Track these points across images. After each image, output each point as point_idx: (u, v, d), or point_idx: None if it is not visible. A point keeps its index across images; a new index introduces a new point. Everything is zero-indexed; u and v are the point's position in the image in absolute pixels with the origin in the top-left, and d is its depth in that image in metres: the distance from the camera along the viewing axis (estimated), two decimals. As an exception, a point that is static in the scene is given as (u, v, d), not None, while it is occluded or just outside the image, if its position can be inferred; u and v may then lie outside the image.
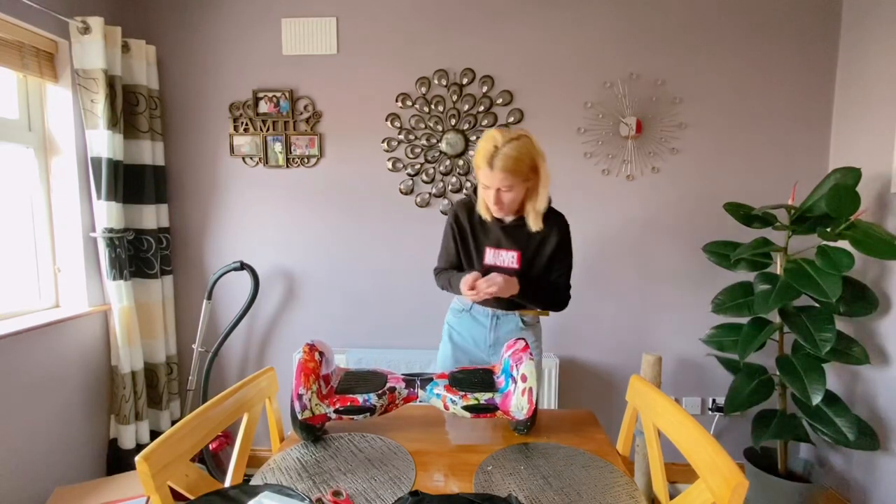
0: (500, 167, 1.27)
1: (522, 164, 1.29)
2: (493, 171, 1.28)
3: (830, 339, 1.64)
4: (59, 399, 1.90)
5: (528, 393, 1.13)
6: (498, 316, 1.52)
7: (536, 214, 1.38)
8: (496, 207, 1.35)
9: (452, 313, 1.62)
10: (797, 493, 1.86)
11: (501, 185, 1.30)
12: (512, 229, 1.44)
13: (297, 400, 1.13)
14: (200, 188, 2.33)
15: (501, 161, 1.26)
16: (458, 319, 1.59)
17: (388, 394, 1.19)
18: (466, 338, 1.57)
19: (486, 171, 1.29)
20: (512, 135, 1.29)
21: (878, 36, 1.92)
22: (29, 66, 1.83)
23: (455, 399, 1.18)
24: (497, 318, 1.52)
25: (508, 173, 1.27)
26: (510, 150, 1.26)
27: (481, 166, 1.30)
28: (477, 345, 1.56)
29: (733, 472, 0.82)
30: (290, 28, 2.21)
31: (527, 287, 1.41)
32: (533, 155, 1.31)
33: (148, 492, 0.87)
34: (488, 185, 1.32)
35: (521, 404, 1.14)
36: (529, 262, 1.44)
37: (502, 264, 1.45)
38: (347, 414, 1.16)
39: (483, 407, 1.17)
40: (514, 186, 1.31)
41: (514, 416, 1.16)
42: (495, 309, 1.51)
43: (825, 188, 1.75)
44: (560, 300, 1.51)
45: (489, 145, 1.28)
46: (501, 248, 1.45)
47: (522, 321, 1.53)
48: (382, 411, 1.19)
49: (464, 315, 1.57)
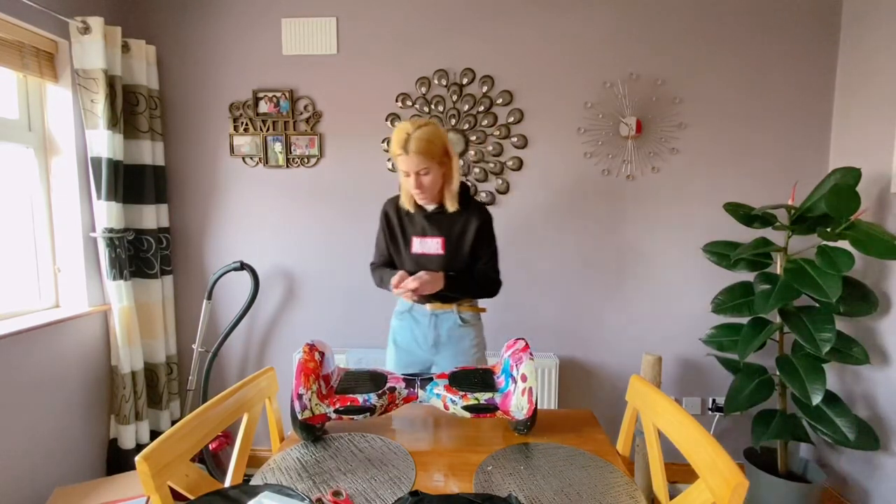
0: (415, 150, 1.35)
1: (435, 146, 1.38)
2: (409, 154, 1.36)
3: (830, 339, 1.64)
4: (59, 399, 1.90)
5: (528, 393, 1.13)
6: (436, 315, 1.57)
7: (452, 196, 1.47)
8: (417, 192, 1.43)
9: (395, 316, 1.67)
10: (797, 493, 1.86)
11: (419, 169, 1.39)
12: (435, 217, 1.52)
13: (297, 400, 1.13)
14: (200, 188, 2.33)
15: (415, 144, 1.35)
16: (399, 321, 1.65)
17: (388, 394, 1.19)
18: (409, 339, 1.62)
19: (402, 157, 1.38)
20: (421, 122, 1.39)
21: (878, 36, 1.92)
22: (29, 66, 1.83)
23: (455, 399, 1.18)
24: (436, 316, 1.57)
25: (423, 155, 1.36)
26: (422, 134, 1.36)
27: (397, 153, 1.38)
28: (419, 345, 1.61)
29: (733, 472, 0.82)
30: (290, 28, 2.21)
31: (453, 280, 1.48)
32: (443, 138, 1.42)
33: (148, 492, 0.87)
34: (407, 170, 1.40)
35: (521, 404, 1.14)
36: (454, 247, 1.51)
37: (429, 251, 1.52)
38: (347, 414, 1.16)
39: (483, 407, 1.17)
40: (431, 169, 1.40)
41: (514, 415, 1.16)
42: (433, 308, 1.56)
43: (825, 188, 1.75)
44: (490, 288, 1.56)
45: (402, 133, 1.37)
46: (427, 236, 1.52)
47: (461, 318, 1.57)
48: (382, 411, 1.19)
49: (405, 316, 1.63)
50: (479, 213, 1.52)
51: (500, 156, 2.22)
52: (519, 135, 2.20)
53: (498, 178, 2.23)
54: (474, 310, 1.62)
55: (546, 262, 2.27)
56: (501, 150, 2.22)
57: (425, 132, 1.37)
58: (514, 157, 2.21)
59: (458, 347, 1.58)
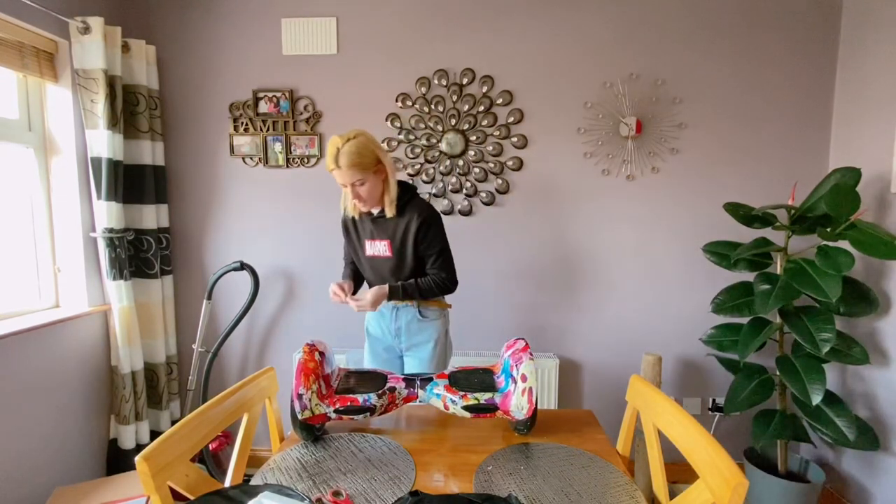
0: (346, 164, 1.41)
1: (364, 157, 1.43)
2: (342, 169, 1.42)
3: (830, 339, 1.64)
4: (59, 399, 1.90)
5: (527, 393, 1.13)
6: (397, 308, 1.65)
7: (389, 202, 1.53)
8: (357, 202, 1.51)
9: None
10: (797, 493, 1.86)
11: (353, 181, 1.45)
12: (380, 221, 1.58)
13: (297, 400, 1.13)
14: (200, 188, 2.33)
15: (345, 158, 1.41)
16: (371, 314, 1.75)
17: (388, 394, 1.19)
18: (377, 328, 1.72)
19: (336, 172, 1.44)
20: (349, 135, 1.44)
21: (878, 36, 1.92)
22: (29, 66, 1.83)
23: (455, 399, 1.18)
24: (397, 309, 1.65)
25: (354, 168, 1.42)
26: (350, 148, 1.41)
27: (331, 168, 1.44)
28: (384, 334, 1.71)
29: (733, 472, 0.82)
30: (290, 28, 2.21)
31: (396, 291, 1.55)
32: (372, 148, 1.45)
33: (148, 492, 0.87)
34: (342, 182, 1.46)
35: (521, 404, 1.14)
36: (399, 249, 1.57)
37: (378, 254, 1.61)
38: (347, 414, 1.16)
39: (483, 407, 1.17)
40: (366, 179, 1.46)
41: (513, 415, 1.16)
42: (396, 302, 1.63)
43: (825, 188, 1.75)
44: (438, 290, 1.60)
45: (332, 149, 1.43)
46: (375, 239, 1.60)
47: (420, 313, 1.64)
48: (382, 411, 1.19)
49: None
50: (417, 213, 1.54)
51: (500, 156, 2.22)
52: (519, 135, 2.20)
53: (498, 178, 2.23)
54: (437, 304, 1.67)
55: (546, 262, 2.27)
56: (501, 150, 2.22)
57: (354, 145, 1.42)
58: (514, 157, 2.21)
59: (417, 339, 1.65)
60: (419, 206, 1.57)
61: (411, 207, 1.56)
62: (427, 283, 1.58)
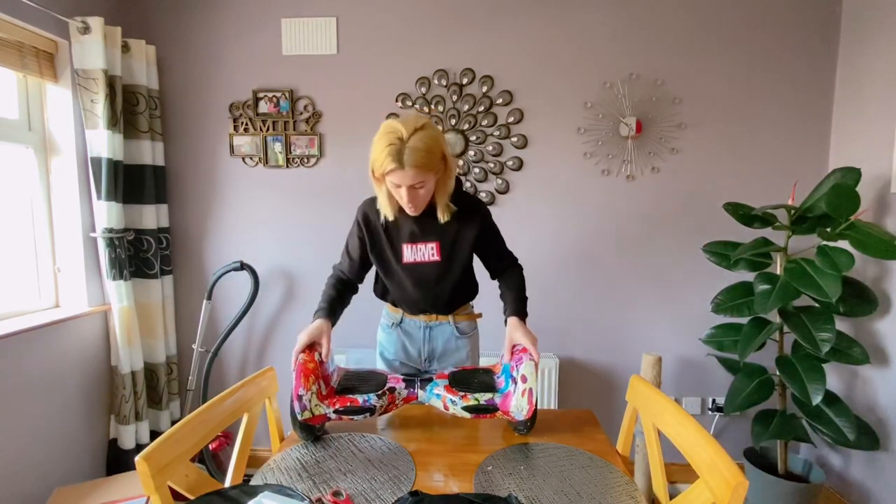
0: (413, 163, 1.11)
1: (434, 156, 1.15)
2: (405, 169, 1.12)
3: (830, 339, 1.64)
4: (59, 399, 1.90)
5: (528, 394, 1.13)
6: (431, 327, 1.43)
7: (445, 206, 1.26)
8: (411, 206, 1.22)
9: (382, 329, 1.53)
10: (797, 493, 1.86)
11: (415, 182, 1.16)
12: (425, 219, 1.29)
13: (296, 401, 1.12)
14: (200, 188, 2.33)
15: (412, 156, 1.11)
16: (387, 335, 1.50)
17: (388, 394, 1.19)
18: (399, 353, 1.47)
19: (395, 170, 1.13)
20: (415, 123, 1.14)
21: (878, 36, 1.92)
22: (29, 66, 1.83)
23: (455, 399, 1.18)
24: (430, 329, 1.43)
25: (420, 169, 1.13)
26: (419, 143, 1.12)
27: (386, 165, 1.13)
28: (411, 359, 1.47)
29: (733, 472, 0.82)
30: (290, 28, 2.21)
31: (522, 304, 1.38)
32: (441, 143, 1.18)
33: (148, 492, 0.87)
34: (398, 183, 1.17)
35: (521, 405, 1.14)
36: (450, 252, 1.33)
37: (423, 259, 1.33)
38: (347, 414, 1.16)
39: (483, 407, 1.17)
40: (428, 181, 1.18)
41: (513, 416, 1.16)
42: (428, 319, 1.43)
43: (825, 188, 1.75)
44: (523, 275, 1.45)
45: (392, 138, 1.12)
46: (418, 242, 1.32)
47: (457, 329, 1.44)
48: (382, 411, 1.19)
49: (394, 330, 1.48)
50: (473, 209, 1.33)
51: (500, 156, 2.22)
52: (519, 135, 2.20)
53: (498, 178, 2.23)
54: (471, 317, 1.50)
55: (546, 262, 2.27)
56: (501, 150, 2.22)
57: (423, 139, 1.12)
58: (514, 157, 2.21)
59: (454, 359, 1.46)
60: (473, 207, 1.33)
61: (466, 210, 1.31)
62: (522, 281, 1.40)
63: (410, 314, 1.45)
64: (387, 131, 1.14)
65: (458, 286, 1.41)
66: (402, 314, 1.46)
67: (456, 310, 1.46)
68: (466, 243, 1.34)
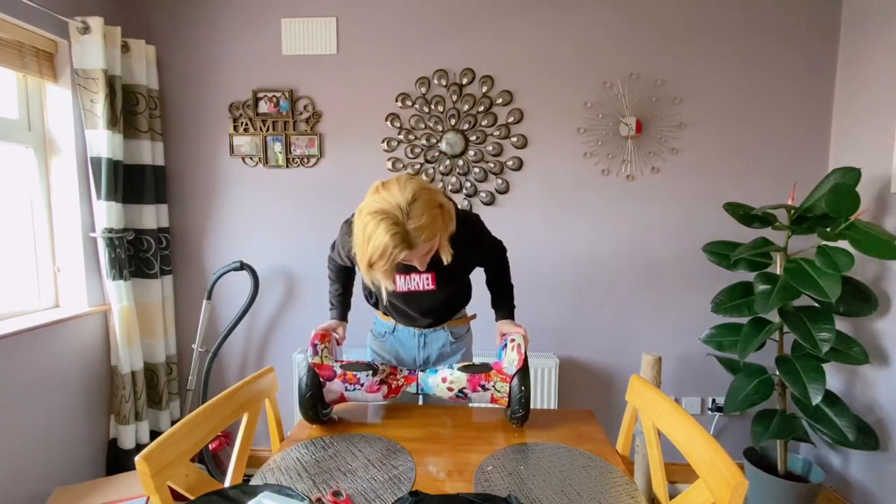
0: (422, 241, 1.02)
1: (437, 222, 1.05)
2: (415, 249, 1.03)
3: (830, 338, 1.64)
4: (59, 399, 1.90)
5: (516, 348, 1.22)
6: (425, 334, 1.42)
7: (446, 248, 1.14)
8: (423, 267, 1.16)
9: (374, 337, 1.51)
10: (797, 493, 1.86)
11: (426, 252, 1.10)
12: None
13: (311, 346, 1.25)
14: (200, 188, 2.33)
15: (419, 235, 1.01)
16: (380, 343, 1.48)
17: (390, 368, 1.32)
18: (391, 362, 1.46)
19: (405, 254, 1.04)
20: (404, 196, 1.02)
21: (878, 36, 1.92)
22: (28, 66, 1.83)
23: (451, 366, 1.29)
24: (424, 336, 1.42)
25: (429, 242, 1.05)
26: (421, 220, 1.01)
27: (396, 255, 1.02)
28: (405, 365, 1.46)
29: (733, 472, 0.82)
30: (290, 28, 2.21)
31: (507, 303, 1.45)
32: (437, 200, 1.07)
33: (148, 492, 0.87)
34: (408, 261, 1.10)
35: (512, 358, 1.23)
36: (447, 281, 1.29)
37: (417, 288, 1.27)
38: (352, 370, 1.26)
39: (477, 367, 1.27)
40: (435, 243, 1.10)
41: (506, 371, 1.24)
42: (421, 328, 1.42)
43: (825, 188, 1.75)
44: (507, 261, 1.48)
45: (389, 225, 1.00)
46: (412, 273, 1.25)
47: (452, 335, 1.44)
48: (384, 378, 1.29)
49: (387, 338, 1.47)
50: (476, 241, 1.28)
51: (499, 156, 2.22)
52: (519, 135, 2.20)
53: (498, 178, 2.23)
54: (465, 321, 1.49)
55: (545, 262, 2.27)
56: (501, 150, 2.22)
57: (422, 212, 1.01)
58: (513, 157, 2.21)
59: (449, 363, 1.42)
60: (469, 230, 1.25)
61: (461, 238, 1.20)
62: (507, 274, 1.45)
63: (403, 325, 1.45)
64: (379, 219, 1.01)
65: (454, 302, 1.44)
66: (394, 323, 1.45)
67: (451, 319, 1.46)
68: (465, 271, 1.33)
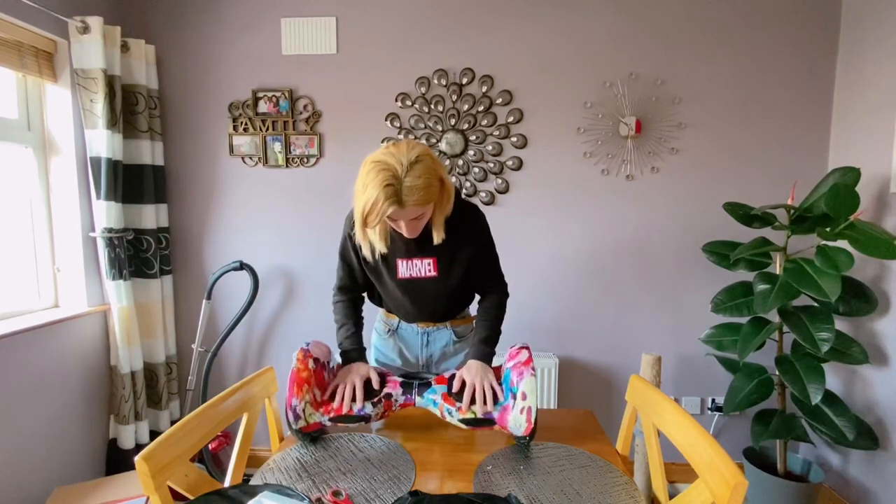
0: (413, 202, 1.04)
1: (433, 188, 1.07)
2: (405, 208, 1.05)
3: (829, 338, 1.64)
4: (59, 399, 1.90)
5: (527, 412, 1.09)
6: (428, 332, 1.41)
7: (441, 227, 1.19)
8: (410, 234, 1.16)
9: (378, 334, 1.51)
10: (797, 493, 1.86)
11: (415, 216, 1.10)
12: (421, 234, 1.22)
13: (290, 410, 1.11)
14: (200, 188, 2.33)
15: (412, 195, 1.04)
16: (384, 341, 1.48)
17: (384, 401, 1.18)
18: (395, 358, 1.46)
19: (393, 210, 1.05)
20: (408, 156, 1.04)
21: (877, 36, 1.92)
22: (28, 66, 1.83)
23: (451, 410, 1.16)
24: (427, 334, 1.42)
25: (420, 206, 1.07)
26: (417, 181, 1.03)
27: (385, 208, 1.03)
28: (408, 364, 1.46)
29: (733, 471, 0.82)
30: (290, 28, 2.21)
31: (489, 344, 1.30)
32: (439, 172, 1.10)
33: (148, 492, 0.87)
34: (397, 219, 1.11)
35: (520, 422, 1.10)
36: (448, 267, 1.29)
37: (419, 274, 1.28)
38: (342, 422, 1.15)
39: (480, 420, 1.14)
40: (427, 211, 1.13)
41: (511, 432, 1.14)
42: (425, 325, 1.41)
43: (825, 188, 1.75)
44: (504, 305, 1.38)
45: (386, 177, 1.02)
46: (414, 257, 1.27)
47: (455, 334, 1.43)
48: (378, 418, 1.19)
49: (390, 337, 1.46)
50: (473, 225, 1.28)
51: (499, 155, 2.22)
52: (518, 134, 2.20)
53: (498, 178, 2.23)
54: (468, 321, 1.48)
55: (545, 262, 2.27)
56: (501, 149, 2.22)
57: (420, 174, 1.04)
58: (513, 157, 2.21)
59: (452, 363, 1.44)
60: (467, 216, 1.27)
61: (461, 222, 1.24)
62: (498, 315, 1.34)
63: (407, 321, 1.44)
64: (379, 169, 1.04)
65: (457, 298, 1.39)
66: (398, 320, 1.45)
67: (454, 317, 1.45)
68: (464, 258, 1.30)
